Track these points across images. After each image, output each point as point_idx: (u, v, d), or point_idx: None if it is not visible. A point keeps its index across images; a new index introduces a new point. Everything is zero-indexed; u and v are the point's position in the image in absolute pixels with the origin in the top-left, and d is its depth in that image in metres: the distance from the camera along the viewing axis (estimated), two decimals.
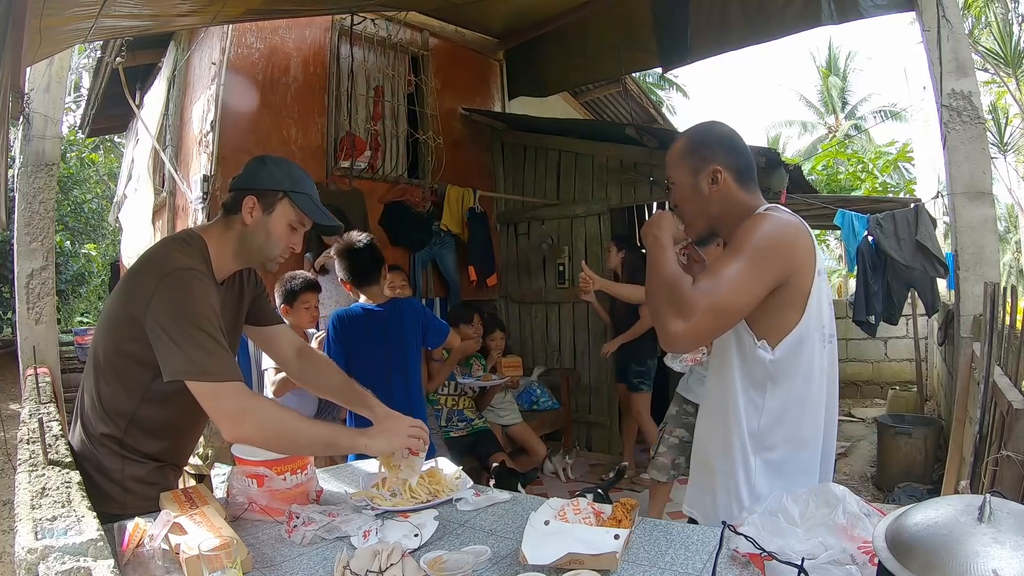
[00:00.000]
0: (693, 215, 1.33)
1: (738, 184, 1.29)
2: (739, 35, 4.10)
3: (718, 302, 1.14)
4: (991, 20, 7.51)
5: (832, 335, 1.28)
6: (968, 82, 2.96)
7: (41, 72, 3.14)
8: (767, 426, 1.25)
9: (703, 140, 1.32)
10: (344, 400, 1.65)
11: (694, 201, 1.31)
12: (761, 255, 1.17)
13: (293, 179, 1.40)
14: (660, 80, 14.76)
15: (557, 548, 1.04)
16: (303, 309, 2.77)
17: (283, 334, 1.66)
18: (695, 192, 1.31)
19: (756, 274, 1.16)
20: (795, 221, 1.24)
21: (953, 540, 0.67)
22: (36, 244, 3.16)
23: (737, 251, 1.18)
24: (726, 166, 1.28)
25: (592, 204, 4.93)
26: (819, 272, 1.23)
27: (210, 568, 0.94)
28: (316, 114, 4.19)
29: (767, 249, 1.18)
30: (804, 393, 1.24)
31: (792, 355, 1.22)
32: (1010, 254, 12.06)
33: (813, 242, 1.23)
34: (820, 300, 1.23)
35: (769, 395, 1.24)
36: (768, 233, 1.19)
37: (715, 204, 1.29)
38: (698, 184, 1.30)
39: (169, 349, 1.20)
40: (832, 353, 1.28)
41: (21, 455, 1.50)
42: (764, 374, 1.23)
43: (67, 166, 10.53)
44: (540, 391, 4.82)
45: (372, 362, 2.46)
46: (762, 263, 1.17)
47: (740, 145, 1.32)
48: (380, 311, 2.50)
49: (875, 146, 13.30)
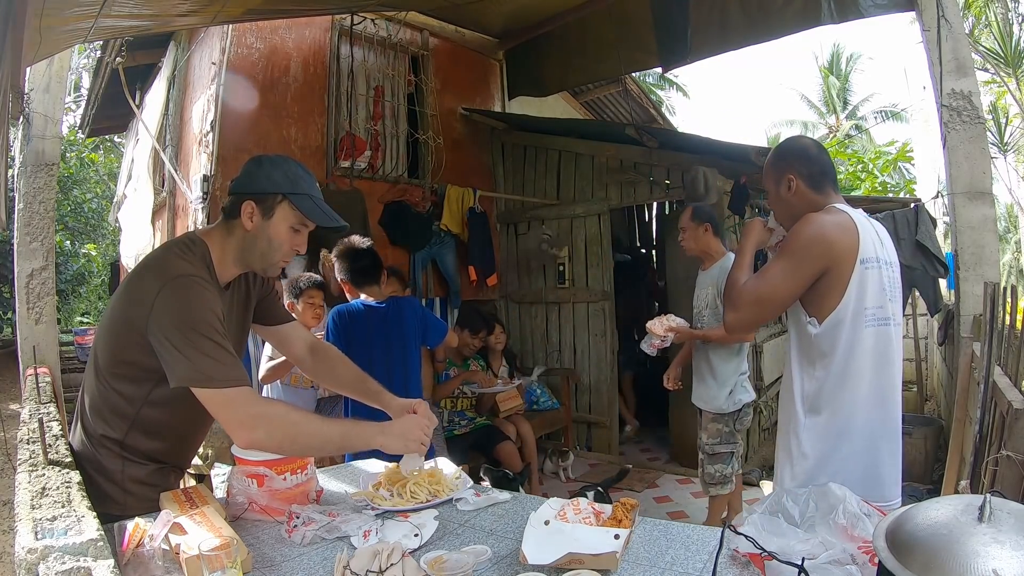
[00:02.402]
0: (780, 215, 1.62)
1: (811, 188, 1.54)
2: (739, 35, 4.10)
3: (759, 296, 1.46)
4: (991, 20, 7.50)
5: (887, 318, 1.45)
6: (968, 82, 2.96)
7: (41, 72, 3.13)
8: (814, 391, 1.47)
9: (781, 153, 1.62)
10: (359, 394, 1.64)
11: (778, 204, 1.60)
12: (799, 254, 1.42)
13: (292, 180, 1.36)
14: (660, 80, 14.75)
15: (557, 548, 1.04)
16: (308, 305, 2.83)
17: (295, 331, 1.66)
18: (778, 196, 1.59)
19: (793, 270, 1.42)
20: (838, 219, 1.44)
21: (953, 540, 0.68)
22: (36, 244, 3.16)
23: (782, 251, 1.47)
24: (798, 174, 1.54)
25: (592, 204, 4.93)
26: (863, 261, 1.41)
27: (210, 568, 0.94)
28: (316, 114, 4.18)
29: (804, 248, 1.42)
30: (844, 366, 1.43)
31: (833, 332, 1.43)
32: (1010, 254, 12.06)
33: (859, 236, 1.42)
34: (864, 286, 1.41)
35: (818, 365, 1.46)
36: (808, 233, 1.43)
37: (794, 205, 1.55)
38: (779, 190, 1.58)
39: (174, 357, 1.19)
40: (885, 333, 1.45)
41: (21, 455, 1.49)
42: (812, 346, 1.46)
43: (67, 166, 10.53)
44: (540, 391, 4.82)
45: (373, 357, 2.49)
46: (799, 260, 1.42)
47: (814, 155, 1.57)
48: (381, 307, 2.55)
49: (875, 146, 13.31)
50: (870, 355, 1.43)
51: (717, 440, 3.00)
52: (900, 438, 1.52)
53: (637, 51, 4.74)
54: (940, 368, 5.06)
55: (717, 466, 3.00)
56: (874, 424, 1.45)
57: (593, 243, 4.94)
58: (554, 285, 5.14)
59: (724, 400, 2.96)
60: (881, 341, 1.44)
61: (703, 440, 3.06)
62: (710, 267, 3.04)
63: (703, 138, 4.28)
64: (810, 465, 1.44)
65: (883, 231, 1.54)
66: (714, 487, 3.02)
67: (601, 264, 4.90)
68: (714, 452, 3.01)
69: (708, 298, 3.01)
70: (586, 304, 4.98)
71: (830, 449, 1.44)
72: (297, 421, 1.26)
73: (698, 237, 2.99)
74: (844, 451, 1.43)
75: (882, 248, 1.48)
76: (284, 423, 1.24)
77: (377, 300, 2.56)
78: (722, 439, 3.00)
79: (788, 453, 1.51)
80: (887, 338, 1.46)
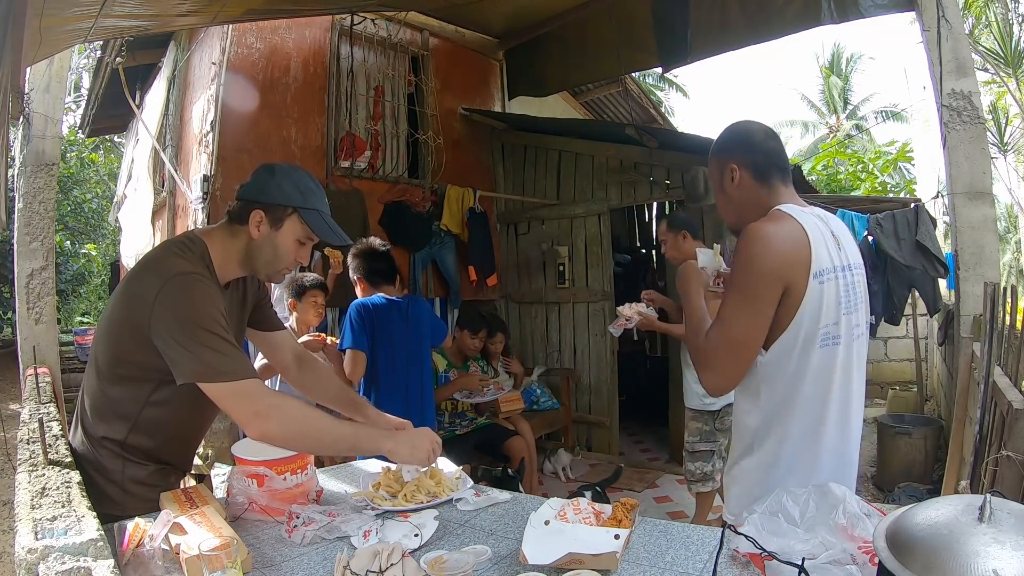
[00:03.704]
0: (724, 212, 1.41)
1: (756, 180, 1.33)
2: (739, 35, 4.10)
3: (730, 343, 1.22)
4: (991, 20, 7.49)
5: (838, 336, 1.25)
6: (968, 82, 2.96)
7: (41, 72, 3.14)
8: (762, 425, 1.29)
9: (723, 140, 1.40)
10: (341, 406, 1.65)
11: (722, 198, 1.40)
12: (754, 281, 1.21)
13: (303, 192, 1.36)
14: (659, 80, 14.75)
15: (557, 548, 1.04)
16: (311, 304, 2.86)
17: (284, 340, 1.66)
18: (721, 190, 1.39)
19: (753, 302, 1.21)
20: (786, 230, 1.23)
21: (953, 540, 0.67)
22: (36, 244, 3.16)
23: (731, 284, 1.24)
24: (741, 163, 1.34)
25: (592, 204, 4.93)
26: (816, 275, 1.21)
27: (210, 568, 0.94)
28: (316, 114, 4.18)
29: (757, 274, 1.20)
30: (792, 393, 1.25)
31: (782, 357, 1.24)
32: (1010, 254, 12.05)
33: (811, 247, 1.21)
34: (820, 303, 1.22)
35: (764, 396, 1.27)
36: (755, 257, 1.21)
37: (738, 200, 1.36)
38: (722, 182, 1.37)
39: (180, 354, 1.19)
40: (833, 354, 1.25)
41: (21, 455, 1.49)
42: (756, 377, 1.27)
43: (67, 166, 10.53)
44: (540, 391, 4.82)
45: (396, 350, 2.57)
46: (756, 289, 1.20)
47: (758, 140, 1.35)
48: (401, 303, 2.64)
49: (875, 146, 13.30)
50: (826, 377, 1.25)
51: (697, 438, 3.08)
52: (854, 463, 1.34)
53: (637, 51, 4.74)
54: (940, 368, 5.06)
55: (697, 463, 3.07)
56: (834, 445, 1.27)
57: (593, 243, 4.94)
58: (554, 285, 5.15)
59: (700, 396, 3.04)
60: (835, 361, 1.26)
61: (685, 437, 3.15)
62: None
63: (703, 138, 4.27)
64: (758, 499, 1.18)
65: (840, 226, 1.34)
66: (695, 484, 3.10)
67: (601, 264, 4.91)
68: (694, 450, 3.09)
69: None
70: (586, 304, 4.98)
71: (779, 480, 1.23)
72: (310, 415, 1.26)
73: (678, 245, 3.05)
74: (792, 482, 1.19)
75: (838, 252, 1.27)
76: (298, 416, 1.24)
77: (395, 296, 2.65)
78: (702, 437, 3.07)
79: (731, 491, 1.36)
80: (838, 357, 1.26)
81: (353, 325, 2.51)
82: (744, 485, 1.32)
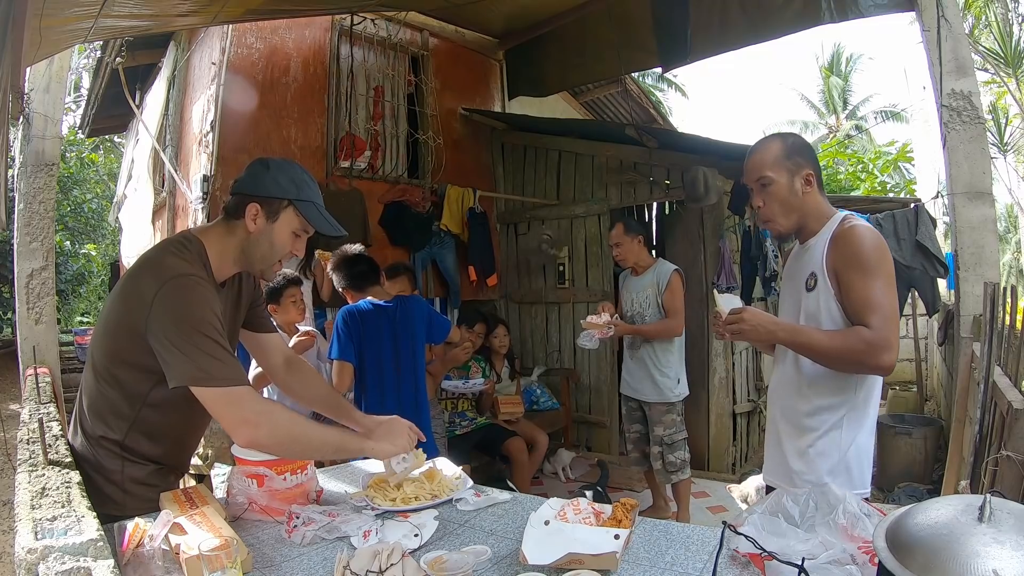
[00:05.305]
0: (786, 212, 1.49)
1: (819, 191, 1.49)
2: (739, 35, 4.09)
3: (894, 320, 1.38)
4: (991, 20, 7.49)
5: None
6: (968, 82, 2.96)
7: (41, 72, 3.14)
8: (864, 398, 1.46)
9: (799, 146, 1.51)
10: (328, 410, 1.66)
11: (790, 200, 1.48)
12: (887, 268, 1.39)
13: (298, 185, 1.37)
14: (658, 80, 14.75)
15: (557, 548, 1.04)
16: (290, 303, 2.83)
17: (274, 342, 1.66)
18: (791, 192, 1.47)
19: (892, 282, 1.40)
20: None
21: (953, 540, 0.67)
22: (36, 244, 3.16)
23: (865, 272, 1.38)
24: (815, 172, 1.48)
25: (592, 204, 4.93)
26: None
27: (210, 568, 0.94)
28: (316, 114, 4.18)
29: (886, 260, 1.40)
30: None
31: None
32: (1010, 254, 12.05)
33: None
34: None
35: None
36: (877, 246, 1.40)
37: (801, 204, 1.48)
38: (794, 185, 1.47)
39: (174, 356, 1.19)
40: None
41: (21, 455, 1.49)
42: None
43: (67, 166, 10.53)
44: (540, 391, 4.83)
45: (383, 356, 2.52)
46: (890, 273, 1.40)
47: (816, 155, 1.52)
48: (389, 306, 2.58)
49: (875, 146, 13.30)
50: None
51: (674, 429, 3.27)
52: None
53: (637, 51, 4.74)
54: (940, 368, 5.06)
55: (678, 453, 3.26)
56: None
57: (593, 243, 4.93)
58: (554, 285, 5.14)
59: (675, 389, 3.24)
60: None
61: (659, 433, 3.28)
62: (643, 273, 3.34)
63: (703, 138, 4.27)
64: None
65: None
66: (675, 474, 3.27)
67: (601, 264, 4.90)
68: (673, 441, 3.26)
69: (649, 299, 3.28)
70: (586, 304, 4.98)
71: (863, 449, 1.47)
72: (298, 422, 1.27)
73: (633, 249, 3.29)
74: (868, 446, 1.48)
75: None
76: (286, 423, 1.25)
77: (383, 300, 2.59)
78: (676, 428, 3.27)
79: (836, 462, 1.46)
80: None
81: (340, 335, 2.49)
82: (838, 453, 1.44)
